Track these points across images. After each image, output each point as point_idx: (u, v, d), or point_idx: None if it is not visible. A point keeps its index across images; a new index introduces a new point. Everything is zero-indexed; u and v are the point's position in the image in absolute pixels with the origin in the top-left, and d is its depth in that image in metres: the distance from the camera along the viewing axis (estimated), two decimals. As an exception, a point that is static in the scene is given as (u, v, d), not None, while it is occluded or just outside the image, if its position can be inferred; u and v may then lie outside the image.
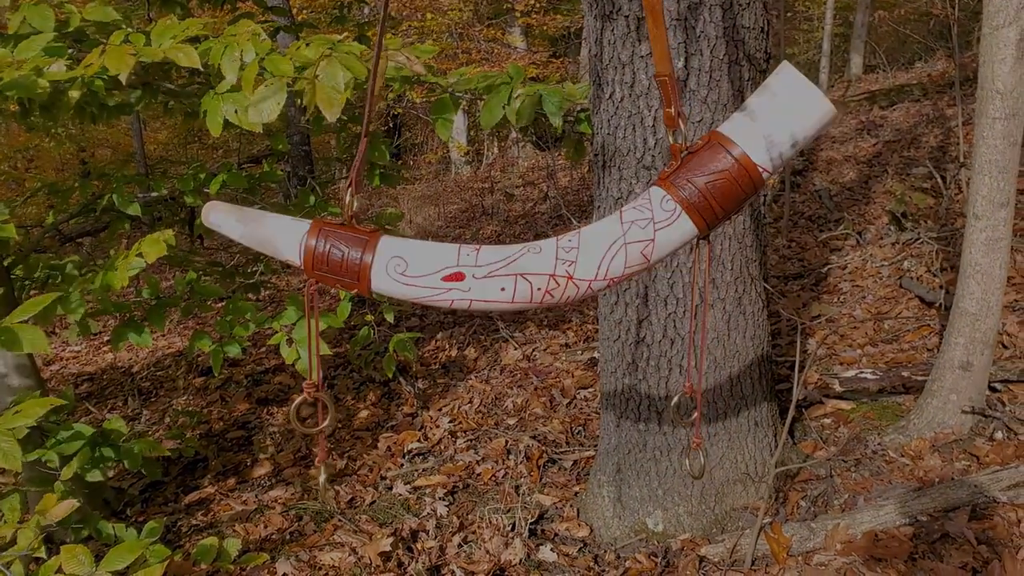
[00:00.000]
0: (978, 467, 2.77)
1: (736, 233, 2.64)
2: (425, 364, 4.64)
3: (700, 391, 1.06)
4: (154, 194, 3.19)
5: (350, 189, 1.03)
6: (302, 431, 1.13)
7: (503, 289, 0.98)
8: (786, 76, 0.94)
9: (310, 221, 1.03)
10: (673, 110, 0.96)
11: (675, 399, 1.09)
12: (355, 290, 1.01)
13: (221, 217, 1.06)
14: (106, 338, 5.97)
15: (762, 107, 0.96)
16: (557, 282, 0.97)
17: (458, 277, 0.99)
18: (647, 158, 2.52)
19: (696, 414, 1.08)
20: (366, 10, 10.15)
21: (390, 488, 3.34)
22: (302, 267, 1.03)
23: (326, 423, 1.10)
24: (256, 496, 3.43)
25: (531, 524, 2.93)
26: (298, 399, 1.13)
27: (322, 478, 1.17)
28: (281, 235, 1.05)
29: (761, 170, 0.94)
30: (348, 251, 1.01)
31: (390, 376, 3.53)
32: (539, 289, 0.98)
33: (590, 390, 3.96)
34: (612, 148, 2.59)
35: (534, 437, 3.55)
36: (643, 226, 0.96)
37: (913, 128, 7.44)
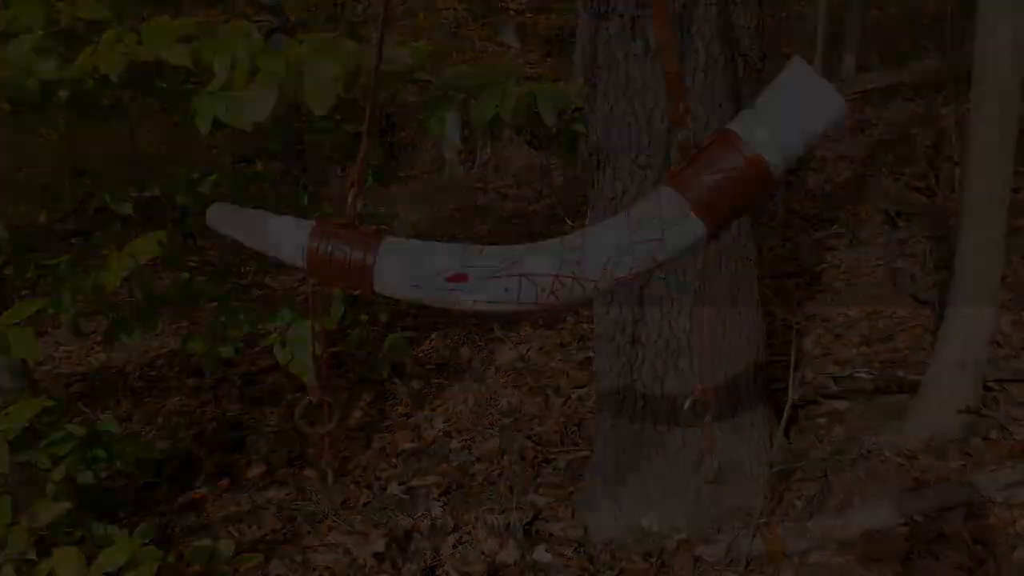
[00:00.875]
0: (973, 467, 2.77)
1: (731, 232, 2.63)
2: (419, 364, 4.62)
3: (712, 394, 1.05)
4: (147, 193, 3.16)
5: (352, 190, 1.02)
6: (308, 432, 1.12)
7: (507, 290, 0.96)
8: (798, 71, 0.91)
9: (312, 222, 1.02)
10: (681, 107, 0.94)
11: (689, 401, 1.07)
12: (358, 291, 1.00)
13: (223, 218, 1.05)
14: (99, 338, 5.94)
15: (772, 103, 0.93)
16: (562, 283, 0.95)
17: (462, 278, 0.97)
18: (642, 158, 2.51)
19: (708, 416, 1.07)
20: (359, 8, 10.12)
21: (384, 488, 3.33)
22: (305, 269, 1.01)
23: (332, 424, 1.09)
24: (249, 497, 3.41)
25: (526, 525, 2.92)
26: (303, 400, 1.12)
27: (329, 478, 1.16)
28: (283, 236, 1.03)
29: (772, 168, 0.92)
30: (351, 252, 0.99)
31: (384, 376, 3.51)
32: (544, 290, 0.96)
33: (585, 389, 3.94)
34: (606, 148, 2.58)
35: (529, 437, 3.54)
36: (651, 225, 0.94)
37: (906, 127, 7.45)
